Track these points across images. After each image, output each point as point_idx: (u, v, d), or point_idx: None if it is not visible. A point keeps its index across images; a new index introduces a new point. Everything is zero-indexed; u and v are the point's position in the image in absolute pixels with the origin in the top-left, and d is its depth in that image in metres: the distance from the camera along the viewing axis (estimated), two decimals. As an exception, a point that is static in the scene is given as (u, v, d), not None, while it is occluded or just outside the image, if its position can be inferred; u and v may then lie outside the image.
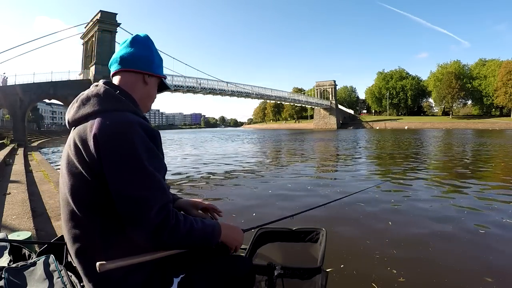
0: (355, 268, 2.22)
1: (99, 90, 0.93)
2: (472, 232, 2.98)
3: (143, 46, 1.02)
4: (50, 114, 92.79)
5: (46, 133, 48.98)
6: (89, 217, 0.86)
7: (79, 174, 0.85)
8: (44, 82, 27.02)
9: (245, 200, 4.46)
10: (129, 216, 0.82)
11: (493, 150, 12.34)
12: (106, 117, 0.85)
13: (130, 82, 0.99)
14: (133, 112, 0.92)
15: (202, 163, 9.40)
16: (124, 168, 0.81)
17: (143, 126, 0.88)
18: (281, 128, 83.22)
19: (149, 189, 0.83)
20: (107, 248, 0.85)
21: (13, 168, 6.38)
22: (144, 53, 1.01)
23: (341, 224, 2.99)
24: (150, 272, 0.88)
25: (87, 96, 0.93)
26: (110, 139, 0.82)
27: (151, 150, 0.87)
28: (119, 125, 0.84)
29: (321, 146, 17.19)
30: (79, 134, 0.86)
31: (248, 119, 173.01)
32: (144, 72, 1.01)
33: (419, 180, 5.86)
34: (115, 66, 1.01)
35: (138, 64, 1.00)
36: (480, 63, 70.84)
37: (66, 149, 0.91)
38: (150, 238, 0.83)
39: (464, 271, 2.20)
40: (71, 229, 0.88)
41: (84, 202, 0.86)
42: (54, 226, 2.58)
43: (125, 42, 1.03)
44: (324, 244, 1.35)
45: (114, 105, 0.90)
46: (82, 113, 0.90)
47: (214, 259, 1.00)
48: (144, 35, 1.04)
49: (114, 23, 32.16)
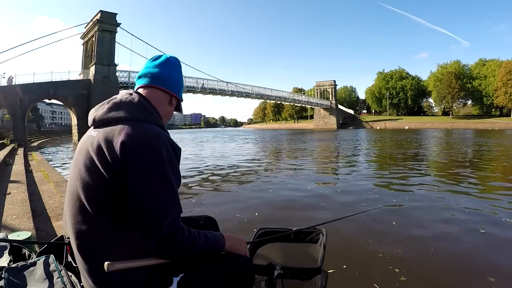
0: (356, 269, 2.21)
1: (134, 99, 0.97)
2: (474, 231, 2.98)
3: (177, 70, 1.09)
4: (50, 114, 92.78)
5: (46, 133, 49.02)
6: (98, 215, 0.87)
7: (97, 172, 0.87)
8: (44, 82, 27.01)
9: (249, 199, 4.46)
10: (141, 222, 0.84)
11: (494, 150, 12.34)
12: (136, 126, 0.89)
13: (159, 99, 1.03)
14: (160, 126, 0.97)
15: (206, 163, 9.40)
16: (149, 176, 0.85)
17: (170, 141, 0.93)
18: (281, 128, 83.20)
19: (168, 201, 0.87)
20: (111, 247, 0.86)
21: (13, 168, 6.38)
22: (177, 77, 1.08)
23: (342, 224, 2.98)
24: (150, 272, 0.89)
25: (120, 101, 0.96)
26: (138, 147, 0.85)
27: (174, 164, 0.92)
28: (149, 136, 0.88)
29: (322, 146, 17.19)
30: (106, 136, 0.88)
31: (248, 119, 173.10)
32: (173, 94, 1.07)
33: (421, 179, 5.85)
34: (148, 81, 1.04)
35: (171, 86, 1.06)
36: (480, 63, 70.82)
37: (85, 146, 0.92)
38: (154, 246, 0.85)
39: (467, 271, 2.19)
40: (77, 223, 0.89)
41: (96, 199, 0.87)
42: (54, 226, 2.58)
43: (159, 59, 1.07)
44: (324, 245, 1.35)
45: (146, 116, 0.94)
46: (113, 115, 0.92)
47: (213, 258, 1.00)
48: (175, 59, 1.10)
49: (114, 23, 32.13)
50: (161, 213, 0.85)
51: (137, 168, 0.84)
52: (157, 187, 0.86)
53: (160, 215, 0.84)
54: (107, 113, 0.94)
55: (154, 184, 0.85)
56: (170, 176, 0.88)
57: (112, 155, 0.85)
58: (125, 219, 0.86)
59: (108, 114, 0.93)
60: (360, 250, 2.57)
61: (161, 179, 0.86)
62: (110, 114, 0.93)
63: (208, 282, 0.95)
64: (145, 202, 0.84)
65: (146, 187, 0.84)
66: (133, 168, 0.84)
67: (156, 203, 0.85)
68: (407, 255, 2.45)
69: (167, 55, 1.10)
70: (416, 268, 2.23)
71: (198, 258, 0.97)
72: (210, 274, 0.96)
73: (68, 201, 0.93)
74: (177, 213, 0.89)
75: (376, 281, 2.04)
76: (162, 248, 0.86)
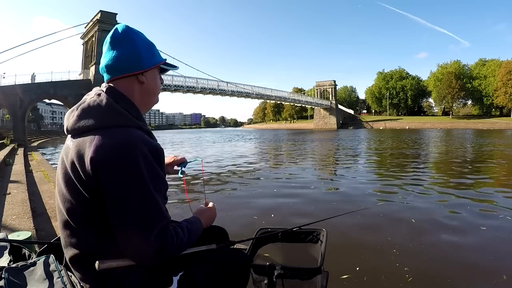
0: (357, 269, 2.20)
1: (101, 101, 0.86)
2: (477, 229, 3.00)
3: (124, 44, 0.91)
4: (50, 114, 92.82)
5: (46, 133, 48.96)
6: (83, 228, 0.86)
7: (75, 187, 0.83)
8: (44, 82, 27.02)
9: (249, 199, 4.46)
10: (126, 241, 0.81)
11: (496, 150, 12.35)
12: (106, 135, 0.80)
13: (125, 88, 0.91)
14: (137, 127, 0.87)
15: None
16: (126, 191, 0.79)
17: (148, 144, 0.84)
18: (281, 128, 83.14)
19: (151, 213, 0.81)
20: (102, 255, 0.85)
21: (13, 168, 6.38)
22: (128, 53, 0.90)
23: (342, 224, 2.97)
24: (148, 272, 0.89)
25: (88, 106, 0.87)
26: (109, 161, 0.78)
27: (155, 170, 0.84)
28: (120, 145, 0.80)
29: (323, 146, 17.18)
30: (77, 150, 0.82)
31: (248, 119, 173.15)
32: (135, 73, 0.92)
33: (423, 179, 5.85)
34: (105, 76, 0.94)
35: (125, 68, 0.91)
36: (480, 63, 70.83)
37: (63, 157, 0.88)
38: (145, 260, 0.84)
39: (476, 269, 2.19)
40: (65, 237, 0.89)
41: (78, 213, 0.85)
42: (54, 226, 2.57)
43: (106, 42, 0.93)
44: (324, 245, 1.35)
45: (117, 120, 0.84)
46: (83, 124, 0.84)
47: (210, 254, 1.01)
48: (122, 28, 0.93)
49: (114, 23, 32.13)
50: (146, 228, 0.80)
51: (112, 184, 0.78)
52: (137, 202, 0.79)
53: (145, 230, 0.79)
54: (77, 121, 0.86)
55: (134, 199, 0.79)
56: (149, 186, 0.81)
57: (84, 173, 0.80)
58: (111, 230, 0.83)
59: (78, 124, 0.86)
60: (362, 249, 2.56)
61: (141, 193, 0.79)
62: (80, 123, 0.85)
63: (207, 278, 0.95)
64: (126, 219, 0.79)
65: (124, 204, 0.78)
66: (108, 185, 0.78)
67: (138, 219, 0.79)
68: (411, 255, 2.43)
69: (110, 33, 0.93)
70: (421, 267, 2.21)
71: (195, 255, 0.98)
72: (209, 270, 0.97)
73: (57, 213, 0.92)
74: (163, 223, 0.83)
75: (380, 281, 2.03)
76: (153, 260, 0.84)
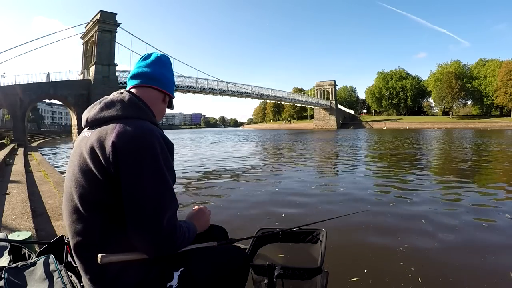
0: (358, 269, 2.19)
1: (124, 97, 0.97)
2: (480, 227, 3.00)
3: (169, 68, 1.10)
4: (50, 114, 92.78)
5: (46, 133, 49.00)
6: (91, 214, 0.88)
7: (90, 172, 0.87)
8: (44, 82, 26.99)
9: (250, 199, 4.46)
10: (139, 221, 0.83)
11: (498, 149, 12.36)
12: (128, 123, 0.89)
13: (152, 98, 1.04)
14: (153, 123, 0.97)
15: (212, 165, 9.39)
16: (144, 174, 0.84)
17: (163, 137, 0.93)
18: (281, 128, 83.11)
19: (165, 198, 0.87)
20: (105, 246, 0.87)
21: (13, 168, 6.38)
22: (170, 76, 1.10)
23: (343, 224, 2.97)
24: (148, 267, 0.90)
25: (111, 100, 0.96)
26: (130, 145, 0.84)
27: (168, 160, 0.91)
28: (141, 132, 0.87)
29: (323, 146, 17.19)
30: (98, 136, 0.88)
31: (248, 119, 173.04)
32: (167, 92, 1.08)
33: (425, 178, 5.84)
34: (141, 81, 1.04)
35: (165, 84, 1.07)
36: (480, 63, 70.84)
37: (79, 147, 0.92)
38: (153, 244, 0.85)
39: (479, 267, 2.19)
40: (72, 223, 0.91)
41: (89, 199, 0.88)
42: (54, 226, 2.57)
43: (150, 58, 1.07)
44: (324, 245, 1.35)
45: (137, 113, 0.95)
46: (105, 115, 0.93)
47: (210, 251, 1.03)
48: (166, 57, 1.11)
49: (114, 23, 32.14)
50: (160, 211, 0.84)
51: (131, 167, 0.83)
52: (154, 184, 0.85)
53: (159, 212, 0.84)
54: (99, 113, 0.94)
55: (150, 181, 0.84)
56: (164, 171, 0.87)
57: (104, 157, 0.85)
58: (118, 218, 0.86)
59: (100, 114, 0.94)
60: (362, 250, 2.56)
61: (157, 176, 0.86)
62: (101, 114, 0.93)
63: (207, 274, 0.97)
64: (142, 200, 0.83)
65: (142, 185, 0.83)
66: (127, 168, 0.83)
67: (154, 200, 0.84)
68: (412, 255, 2.43)
69: (157, 54, 1.10)
70: (423, 267, 2.20)
71: (195, 252, 1.00)
72: (209, 266, 0.99)
73: (64, 201, 0.95)
74: (174, 210, 0.89)
75: (382, 281, 2.02)
76: (160, 245, 0.86)
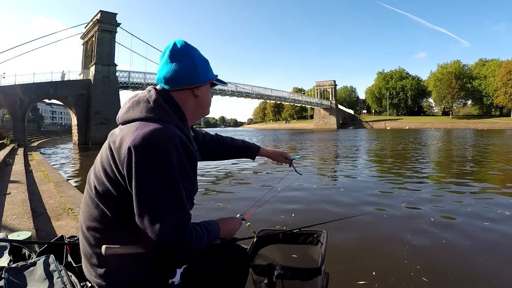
0: (358, 270, 2.19)
1: (150, 97, 0.93)
2: (482, 227, 3.01)
3: (184, 58, 0.97)
4: (50, 114, 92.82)
5: (46, 133, 49.01)
6: (106, 206, 0.89)
7: (109, 169, 0.88)
8: (44, 82, 26.95)
9: (250, 199, 4.46)
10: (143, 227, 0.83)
11: (499, 149, 12.37)
12: (147, 126, 0.86)
13: (180, 100, 0.97)
14: (178, 127, 0.92)
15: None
16: (152, 180, 0.82)
17: (183, 143, 0.88)
18: (281, 128, 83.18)
19: (171, 206, 0.83)
20: (112, 239, 0.87)
21: (13, 168, 6.38)
22: (187, 67, 0.96)
23: (343, 225, 2.97)
24: (151, 263, 0.90)
25: (138, 99, 0.95)
26: (143, 150, 0.82)
27: (184, 166, 0.87)
28: (156, 137, 0.84)
29: (323, 146, 17.20)
30: (121, 136, 0.88)
31: (248, 119, 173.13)
32: (191, 86, 0.98)
33: (427, 178, 5.85)
34: (164, 86, 0.99)
35: (183, 81, 0.96)
36: (480, 63, 70.93)
37: (108, 142, 0.93)
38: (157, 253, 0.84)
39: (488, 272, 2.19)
40: (86, 206, 0.93)
41: (106, 193, 0.89)
42: (54, 226, 2.57)
43: (164, 55, 0.98)
44: (325, 246, 1.35)
45: (160, 115, 0.90)
46: (130, 115, 0.93)
47: (213, 249, 1.03)
48: (181, 43, 0.98)
49: (114, 23, 32.10)
50: (162, 219, 0.81)
51: (140, 172, 0.82)
52: (160, 192, 0.82)
53: (160, 220, 0.81)
54: (126, 112, 0.95)
55: (156, 188, 0.82)
56: (177, 179, 0.84)
57: (120, 158, 0.85)
58: (129, 216, 0.86)
59: (126, 114, 0.94)
60: (362, 250, 2.56)
61: (165, 182, 0.82)
62: (128, 114, 0.94)
63: (209, 272, 0.98)
64: (146, 206, 0.82)
65: (147, 192, 0.82)
66: (137, 171, 0.82)
67: (156, 208, 0.82)
68: (413, 255, 2.43)
69: (169, 46, 0.98)
70: (424, 267, 2.21)
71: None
72: (211, 265, 0.99)
73: (85, 190, 0.97)
74: (183, 219, 0.85)
75: (387, 283, 2.02)
76: (166, 255, 0.84)
